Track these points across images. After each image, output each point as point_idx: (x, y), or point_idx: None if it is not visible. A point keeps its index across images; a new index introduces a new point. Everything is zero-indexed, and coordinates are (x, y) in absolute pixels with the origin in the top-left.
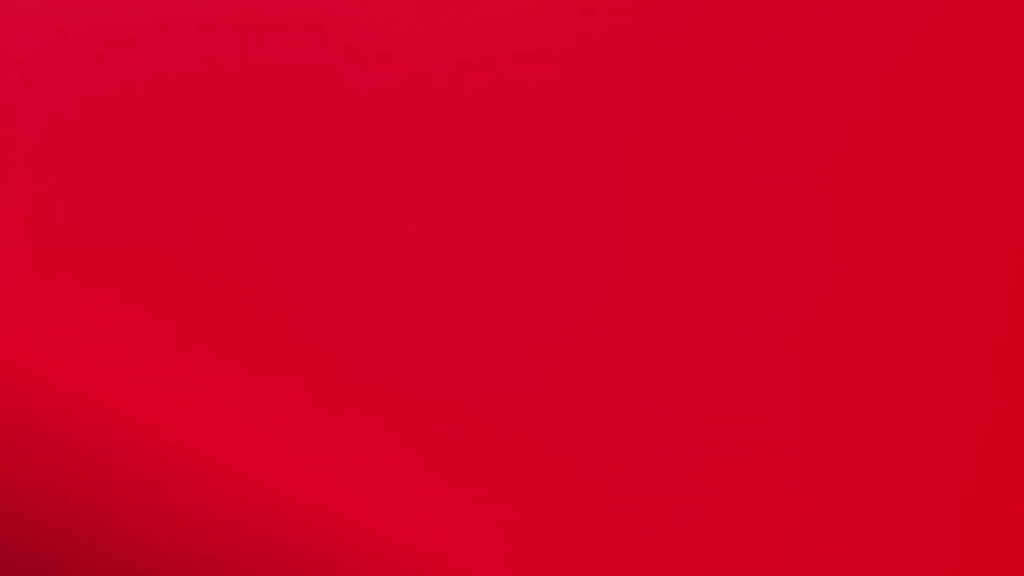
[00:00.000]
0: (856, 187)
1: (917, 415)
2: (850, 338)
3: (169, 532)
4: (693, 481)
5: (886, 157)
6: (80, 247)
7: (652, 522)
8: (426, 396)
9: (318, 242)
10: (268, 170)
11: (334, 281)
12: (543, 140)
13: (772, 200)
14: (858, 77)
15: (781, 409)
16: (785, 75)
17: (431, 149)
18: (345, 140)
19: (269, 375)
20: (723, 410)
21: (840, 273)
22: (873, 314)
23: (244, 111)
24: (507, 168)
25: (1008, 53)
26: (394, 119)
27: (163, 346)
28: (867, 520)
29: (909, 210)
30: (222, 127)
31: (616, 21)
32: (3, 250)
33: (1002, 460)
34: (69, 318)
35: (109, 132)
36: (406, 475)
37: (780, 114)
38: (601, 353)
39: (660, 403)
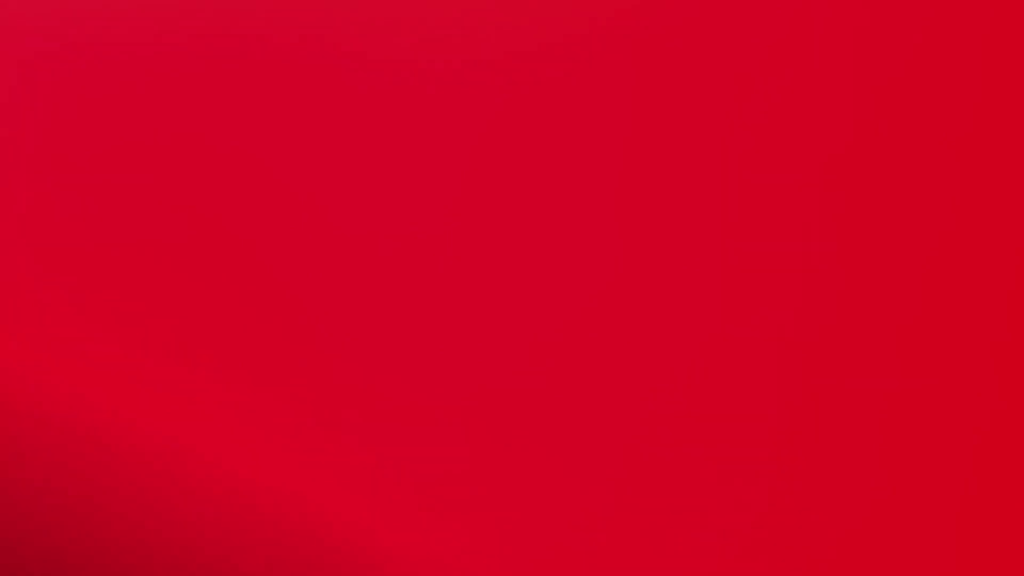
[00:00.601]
0: (856, 187)
1: (917, 415)
2: (849, 338)
3: (168, 534)
4: (693, 481)
5: (886, 157)
6: (80, 247)
7: (652, 522)
8: (426, 396)
9: (318, 242)
10: (268, 171)
11: (334, 282)
12: (543, 140)
13: (772, 200)
14: (858, 77)
15: (780, 409)
16: (785, 75)
17: (431, 149)
18: (345, 140)
19: (269, 377)
20: (722, 410)
21: (840, 273)
22: (873, 314)
23: (244, 111)
24: (507, 168)
25: (1008, 53)
26: (394, 119)
27: (162, 347)
28: (867, 520)
29: (909, 210)
30: (222, 127)
31: (616, 21)
32: (3, 250)
33: (1002, 460)
34: (69, 318)
35: (109, 132)
36: (406, 476)
37: (780, 114)
38: (601, 353)
39: (660, 403)
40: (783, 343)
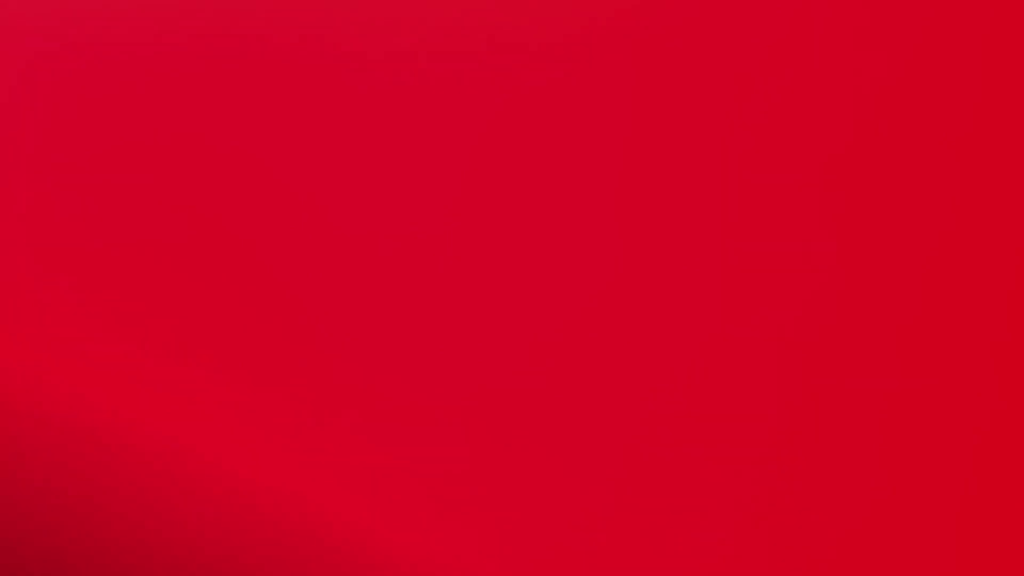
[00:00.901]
0: (856, 187)
1: (917, 415)
2: (849, 338)
3: (168, 534)
4: (693, 481)
5: (886, 157)
6: (80, 247)
7: (652, 522)
8: (426, 396)
9: (317, 242)
10: (268, 171)
11: (334, 282)
12: (543, 140)
13: (772, 200)
14: (858, 77)
15: (780, 409)
16: (785, 75)
17: (430, 149)
18: (344, 140)
19: (269, 377)
20: (722, 410)
21: (840, 273)
22: (873, 314)
23: (244, 111)
24: (507, 168)
25: (1008, 53)
26: (394, 119)
27: (162, 347)
28: (867, 520)
29: (909, 210)
30: (222, 127)
31: (616, 21)
32: (3, 250)
33: (1002, 460)
34: (69, 318)
35: (109, 132)
36: (405, 476)
37: (780, 114)
38: (601, 353)
39: (660, 403)
40: (783, 343)
